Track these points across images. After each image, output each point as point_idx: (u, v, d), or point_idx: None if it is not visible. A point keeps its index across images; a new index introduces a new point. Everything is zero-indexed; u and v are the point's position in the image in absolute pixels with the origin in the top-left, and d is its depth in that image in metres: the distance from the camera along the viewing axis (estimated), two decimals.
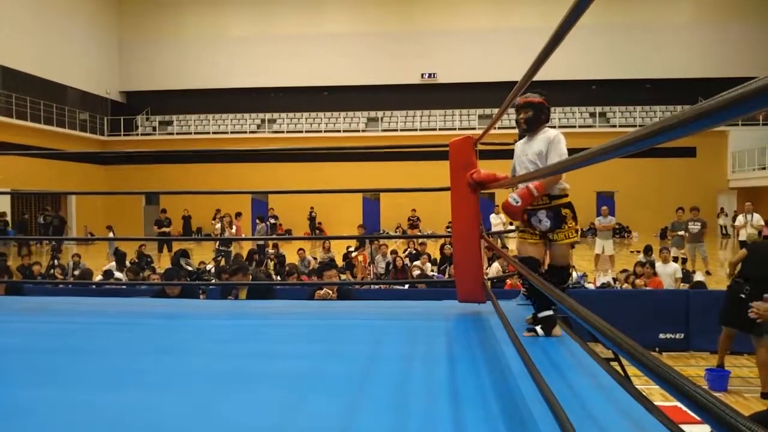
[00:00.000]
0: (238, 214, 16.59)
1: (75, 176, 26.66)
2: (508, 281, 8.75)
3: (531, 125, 3.48)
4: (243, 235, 17.56)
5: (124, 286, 8.64)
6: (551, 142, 3.42)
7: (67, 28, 27.92)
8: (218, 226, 15.70)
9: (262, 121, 30.98)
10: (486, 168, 3.90)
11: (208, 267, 12.12)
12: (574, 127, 28.84)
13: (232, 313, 4.29)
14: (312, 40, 30.74)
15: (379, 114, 30.68)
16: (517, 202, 3.31)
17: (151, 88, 31.94)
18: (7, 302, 5.17)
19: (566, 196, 3.42)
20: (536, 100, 3.48)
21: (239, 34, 31.25)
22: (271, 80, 30.84)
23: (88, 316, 4.21)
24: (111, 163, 29.98)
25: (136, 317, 4.14)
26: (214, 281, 9.01)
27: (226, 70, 31.06)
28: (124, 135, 30.91)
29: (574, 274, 11.85)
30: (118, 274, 10.99)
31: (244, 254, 14.26)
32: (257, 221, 18.05)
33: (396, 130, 29.73)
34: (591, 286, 10.59)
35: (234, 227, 15.28)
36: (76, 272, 11.56)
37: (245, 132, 30.38)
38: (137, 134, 31.26)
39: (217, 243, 14.49)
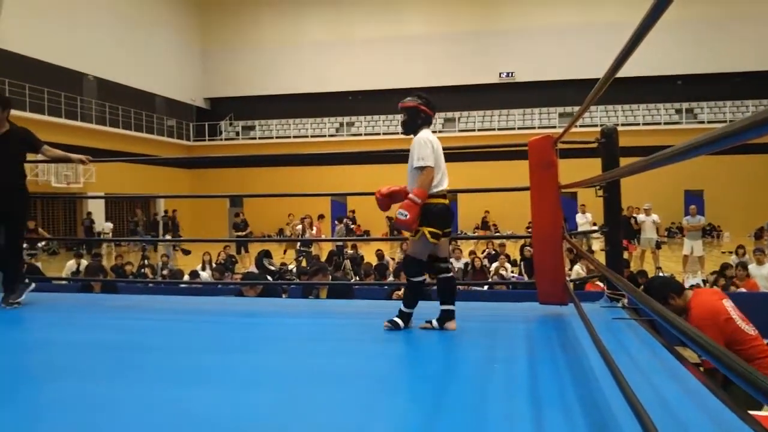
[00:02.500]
0: (321, 216, 16.91)
1: (163, 180, 27.85)
2: (591, 283, 8.52)
3: (406, 129, 3.73)
4: (323, 237, 17.84)
5: (210, 286, 8.92)
6: (413, 145, 3.70)
7: (155, 39, 29.18)
8: (299, 227, 16.00)
9: (341, 124, 31.37)
10: (566, 167, 3.82)
11: (290, 267, 12.37)
12: (659, 124, 27.80)
13: (313, 312, 4.38)
14: (389, 43, 30.90)
15: (456, 114, 30.50)
16: (405, 216, 3.42)
17: (234, 94, 32.93)
18: (102, 300, 5.45)
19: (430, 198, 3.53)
20: (410, 104, 3.70)
21: (317, 39, 31.75)
22: (349, 84, 31.22)
23: (177, 314, 4.39)
24: (197, 167, 31.10)
25: (221, 315, 4.29)
26: (295, 281, 9.19)
27: (306, 75, 31.63)
28: (208, 140, 32.03)
29: (662, 276, 11.42)
30: (203, 275, 11.37)
31: (324, 255, 14.48)
32: (336, 222, 18.30)
33: (473, 130, 29.49)
34: None
35: (314, 228, 15.54)
36: (165, 272, 12.03)
37: (324, 135, 30.86)
38: (221, 139, 32.32)
39: (299, 244, 14.77)
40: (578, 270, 10.20)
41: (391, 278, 10.47)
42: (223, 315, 4.31)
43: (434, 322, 3.49)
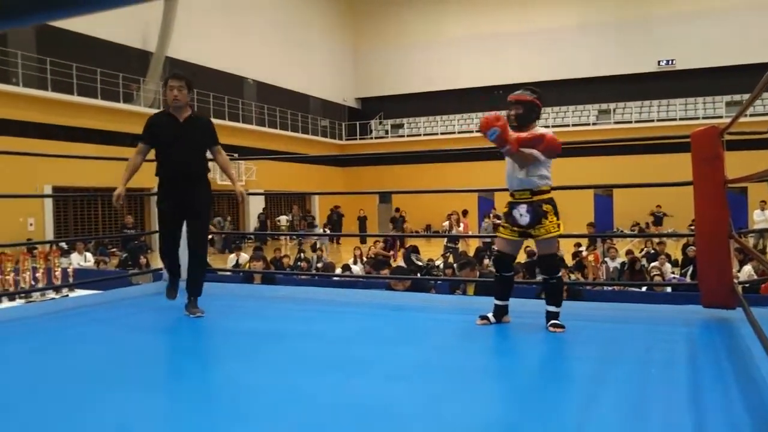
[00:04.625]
0: (465, 212, 16.90)
1: (318, 178, 29.11)
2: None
3: (521, 122, 3.53)
4: (470, 233, 17.80)
5: (361, 279, 9.19)
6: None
7: (310, 43, 30.51)
8: (446, 223, 16.08)
9: None
10: (734, 160, 3.54)
11: (437, 263, 12.44)
12: None
13: (460, 309, 4.38)
14: (536, 35, 30.13)
15: (611, 106, 29.17)
16: (497, 132, 3.34)
17: (383, 93, 33.72)
18: (261, 291, 5.80)
19: (548, 192, 3.52)
20: (527, 98, 3.54)
21: (463, 34, 31.64)
22: (496, 78, 30.78)
23: (330, 305, 4.57)
24: (348, 165, 32.17)
25: (372, 308, 4.40)
26: (442, 276, 9.24)
27: (452, 71, 31.64)
28: (359, 139, 33.05)
29: None
30: (355, 269, 11.73)
31: (471, 252, 14.43)
32: (484, 219, 18.20)
33: (630, 122, 28.05)
34: None
35: (462, 225, 15.54)
36: (319, 265, 12.55)
37: (472, 131, 30.72)
38: (371, 138, 33.22)
39: (446, 240, 14.84)
40: (748, 271, 9.42)
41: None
42: (374, 308, 4.43)
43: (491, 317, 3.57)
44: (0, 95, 16.98)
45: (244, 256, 12.17)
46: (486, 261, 11.49)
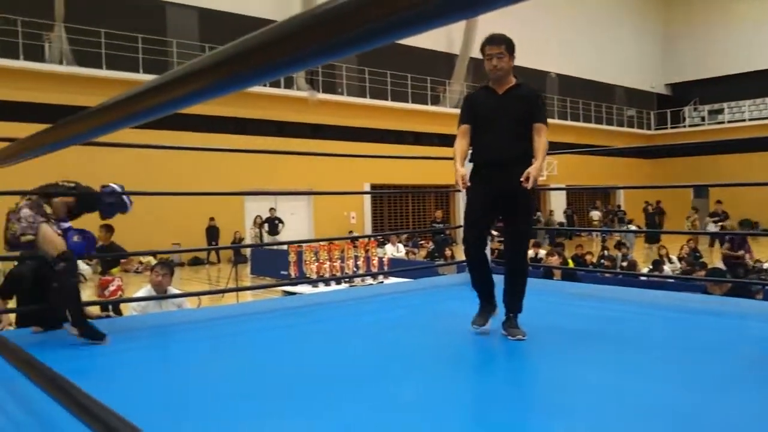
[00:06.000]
0: None
1: (622, 171, 27.70)
2: None
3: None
4: None
5: (671, 280, 8.53)
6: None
7: (614, 31, 29.15)
8: None
9: None
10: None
11: (766, 265, 10.95)
12: None
13: None
14: None
15: None
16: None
17: (698, 77, 30.64)
18: (562, 287, 5.73)
19: None
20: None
21: None
22: None
23: (637, 306, 4.30)
24: (657, 157, 30.03)
25: (684, 313, 4.04)
26: None
27: None
28: (671, 128, 30.59)
29: None
30: (666, 268, 10.94)
31: None
32: None
33: None
34: None
35: None
36: (624, 263, 11.98)
37: None
38: (684, 126, 30.49)
39: None
40: None
41: None
42: (688, 312, 4.05)
43: None
44: (329, 105, 19.35)
45: (543, 252, 12.10)
46: None
